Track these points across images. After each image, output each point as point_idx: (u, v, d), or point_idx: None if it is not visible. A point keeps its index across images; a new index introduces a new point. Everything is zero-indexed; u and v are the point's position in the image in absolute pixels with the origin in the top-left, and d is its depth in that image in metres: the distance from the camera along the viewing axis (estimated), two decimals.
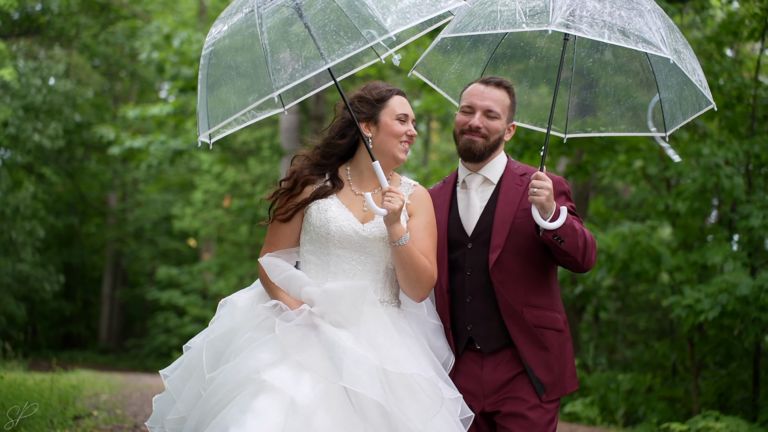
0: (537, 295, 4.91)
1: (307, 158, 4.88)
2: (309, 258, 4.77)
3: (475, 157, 4.97)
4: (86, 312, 34.38)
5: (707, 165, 11.99)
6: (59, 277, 24.99)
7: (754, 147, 11.88)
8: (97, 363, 27.36)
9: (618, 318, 18.91)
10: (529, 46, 5.54)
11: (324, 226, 4.69)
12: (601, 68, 5.49)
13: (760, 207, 11.61)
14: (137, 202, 32.66)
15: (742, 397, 12.44)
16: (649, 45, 4.53)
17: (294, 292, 4.65)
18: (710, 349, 13.00)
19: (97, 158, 30.54)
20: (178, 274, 28.90)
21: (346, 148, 4.86)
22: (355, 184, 4.84)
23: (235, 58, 4.65)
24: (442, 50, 5.47)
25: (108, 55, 27.61)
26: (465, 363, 4.94)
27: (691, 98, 5.21)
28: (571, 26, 4.47)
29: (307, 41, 4.55)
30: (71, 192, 30.99)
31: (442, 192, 5.17)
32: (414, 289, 4.66)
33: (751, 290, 10.80)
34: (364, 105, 4.81)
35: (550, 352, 4.86)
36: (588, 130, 5.58)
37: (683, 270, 12.47)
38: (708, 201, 13.14)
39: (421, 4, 4.49)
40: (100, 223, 33.21)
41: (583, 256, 4.76)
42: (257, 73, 4.50)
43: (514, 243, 4.86)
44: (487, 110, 4.94)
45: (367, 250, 4.69)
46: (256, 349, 4.37)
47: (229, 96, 4.63)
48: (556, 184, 4.88)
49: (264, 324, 4.52)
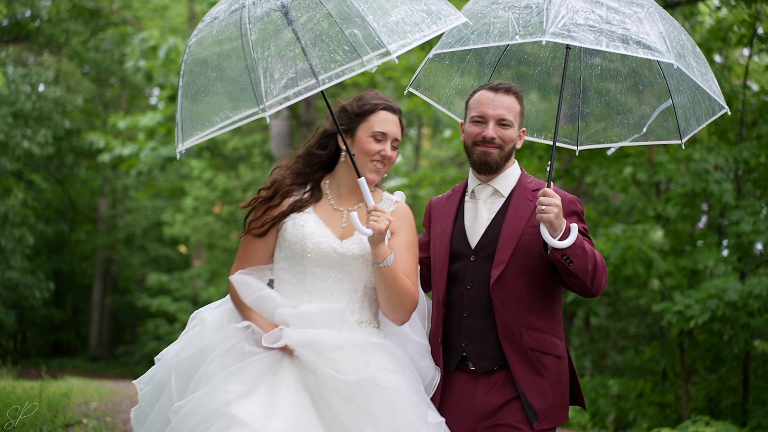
0: (538, 318, 4.65)
1: (288, 168, 4.64)
2: (284, 276, 4.51)
3: (491, 169, 4.74)
4: (76, 319, 34.27)
5: (696, 170, 12.03)
6: (49, 284, 24.94)
7: (743, 153, 11.92)
8: (87, 370, 27.27)
9: (609, 323, 18.93)
10: (531, 57, 5.36)
11: (300, 243, 4.43)
12: (611, 76, 5.28)
13: (749, 212, 11.65)
14: (127, 208, 32.58)
15: (732, 402, 12.47)
16: (650, 51, 4.38)
17: (267, 313, 4.37)
18: (700, 355, 13.03)
19: (87, 165, 30.50)
20: (169, 280, 28.83)
21: (326, 159, 4.63)
22: (334, 197, 4.59)
23: (219, 68, 4.37)
24: (439, 65, 5.27)
25: (98, 61, 27.57)
26: (456, 384, 4.70)
27: (704, 103, 5.03)
28: (566, 36, 4.33)
29: (299, 56, 4.25)
30: (61, 199, 30.92)
31: (450, 201, 4.95)
32: (396, 313, 4.40)
33: (740, 296, 10.83)
34: (344, 117, 4.56)
35: (546, 378, 4.60)
36: (601, 141, 5.35)
37: (673, 275, 12.50)
38: (697, 206, 13.19)
39: (422, 22, 4.22)
40: (90, 230, 33.12)
41: (593, 280, 4.52)
42: (243, 86, 4.25)
43: (519, 260, 4.62)
44: (500, 119, 4.70)
45: (346, 268, 4.44)
46: (226, 379, 4.11)
47: (210, 108, 4.34)
48: (569, 203, 4.66)
49: (235, 349, 4.25)
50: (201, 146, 22.76)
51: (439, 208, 5.00)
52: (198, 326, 4.47)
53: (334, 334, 4.23)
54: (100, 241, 32.00)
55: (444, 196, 5.07)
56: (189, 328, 4.54)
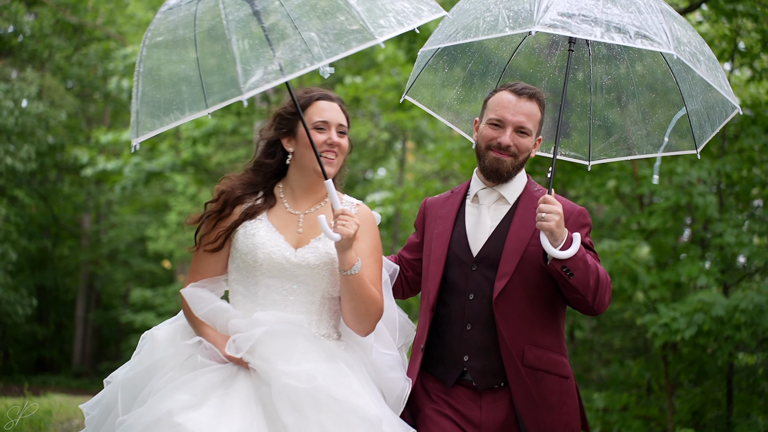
0: (543, 334, 4.39)
1: (237, 179, 4.41)
2: (236, 288, 4.27)
3: (502, 177, 4.47)
4: (59, 335, 34.05)
5: (680, 183, 12.09)
6: (32, 300, 24.78)
7: (726, 166, 11.98)
8: (70, 387, 27.08)
9: (593, 337, 18.95)
10: (534, 71, 5.08)
11: (251, 253, 4.18)
12: (621, 85, 4.99)
13: (732, 225, 11.70)
14: (111, 223, 32.46)
15: (716, 415, 12.48)
16: (650, 41, 4.08)
17: (220, 326, 4.15)
18: (684, 368, 13.04)
19: (70, 180, 30.38)
20: (153, 296, 28.70)
21: (276, 167, 4.40)
22: (289, 201, 4.35)
23: (181, 53, 4.01)
24: (437, 73, 5.00)
25: (81, 76, 27.53)
26: (460, 401, 4.41)
27: (717, 105, 4.76)
28: (558, 26, 4.04)
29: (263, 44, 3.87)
30: (44, 214, 30.77)
31: (449, 202, 4.66)
32: (361, 323, 4.15)
33: (726, 310, 10.86)
34: (282, 122, 4.33)
35: (543, 402, 4.34)
36: (613, 154, 5.05)
37: (657, 288, 12.54)
38: (680, 219, 13.24)
39: (403, 11, 3.91)
40: (73, 246, 32.96)
41: (594, 296, 4.23)
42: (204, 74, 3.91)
43: (523, 273, 4.34)
44: (520, 127, 4.42)
45: (300, 278, 4.18)
46: (174, 390, 3.87)
47: (171, 96, 3.97)
48: (578, 215, 4.43)
49: (187, 364, 4.04)
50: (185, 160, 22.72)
51: (436, 208, 4.71)
52: (149, 343, 4.23)
53: (290, 330, 4.05)
54: (83, 256, 31.86)
55: (442, 196, 4.78)
56: (140, 348, 4.29)
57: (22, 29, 21.68)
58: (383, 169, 28.89)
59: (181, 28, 4.04)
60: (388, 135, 25.61)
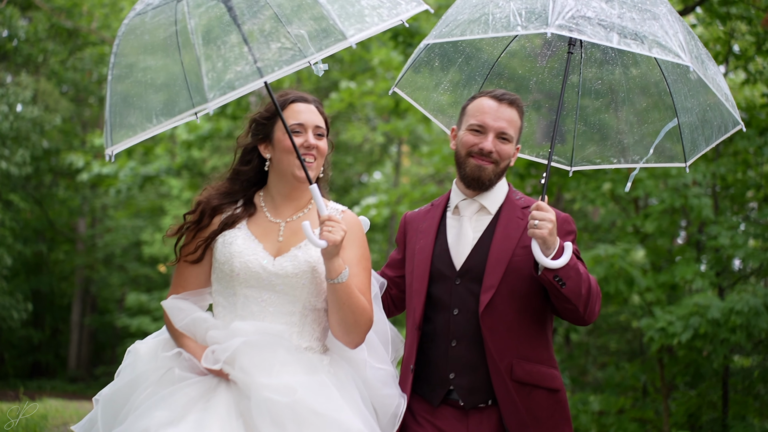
0: (532, 347, 4.25)
1: (215, 189, 4.28)
2: (217, 299, 4.14)
3: (484, 185, 4.34)
4: (55, 340, 33.99)
5: (675, 186, 12.10)
6: (27, 304, 24.76)
7: (721, 169, 11.99)
8: (66, 392, 27.02)
9: (589, 340, 18.94)
10: (524, 72, 4.93)
11: (228, 262, 4.04)
12: (611, 91, 4.83)
13: (727, 227, 11.71)
14: (106, 228, 32.42)
15: (712, 418, 12.50)
16: (665, 51, 3.93)
17: (200, 336, 4.01)
18: (680, 370, 13.05)
19: (65, 184, 30.35)
20: (149, 300, 28.64)
21: (254, 175, 4.25)
22: (270, 209, 4.20)
23: (153, 59, 3.89)
24: (428, 68, 4.82)
25: (76, 81, 27.47)
26: (446, 422, 4.25)
27: (715, 120, 4.57)
28: (573, 29, 3.86)
29: (240, 45, 3.76)
30: (39, 219, 30.73)
31: (429, 216, 4.51)
32: (350, 335, 3.97)
33: (723, 312, 10.87)
34: (258, 127, 4.20)
35: (532, 417, 4.19)
36: (597, 161, 4.88)
37: (653, 291, 12.55)
38: (676, 222, 13.25)
39: (381, 6, 3.80)
40: (68, 250, 32.91)
41: (586, 306, 4.10)
42: (180, 80, 3.78)
43: (509, 285, 4.20)
44: (501, 133, 4.30)
45: (279, 288, 4.01)
46: (153, 407, 3.73)
47: (146, 104, 3.84)
48: (563, 222, 4.26)
49: (166, 377, 3.90)
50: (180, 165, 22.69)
51: (416, 223, 4.56)
52: (131, 358, 4.12)
53: (271, 341, 3.90)
54: (79, 261, 31.81)
55: (422, 210, 4.63)
56: (124, 362, 4.16)
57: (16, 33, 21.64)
58: (379, 173, 28.90)
59: (149, 34, 3.92)
60: (384, 139, 25.61)
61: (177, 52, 3.81)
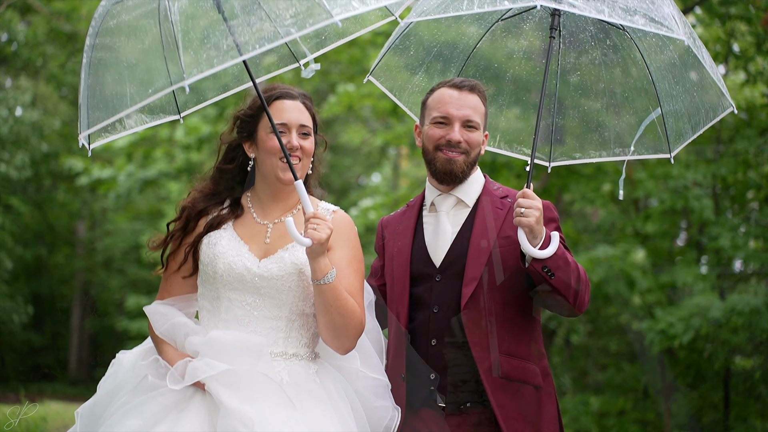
0: (517, 342, 4.07)
1: (198, 191, 4.11)
2: (202, 303, 3.98)
3: (457, 178, 4.18)
4: (55, 343, 33.94)
5: (675, 187, 12.09)
6: (28, 308, 24.72)
7: (721, 170, 11.98)
8: (66, 394, 27.00)
9: (589, 341, 18.92)
10: (501, 63, 4.71)
11: (211, 264, 3.88)
12: (591, 81, 4.63)
13: (728, 228, 11.70)
14: (106, 231, 32.38)
15: (713, 419, 12.48)
16: (659, 25, 3.77)
17: (179, 342, 3.87)
18: (681, 372, 13.04)
19: (65, 188, 30.31)
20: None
21: (237, 172, 4.10)
22: (257, 211, 4.02)
23: (131, 42, 3.74)
24: (401, 56, 4.61)
25: (75, 84, 27.43)
26: (422, 423, 4.07)
27: (705, 104, 4.41)
28: (563, 1, 3.70)
29: (219, 24, 3.60)
30: (39, 222, 30.69)
31: (405, 217, 4.34)
32: (339, 339, 3.77)
33: (723, 313, 10.86)
34: (242, 124, 4.02)
35: (519, 415, 4.02)
36: (576, 156, 4.71)
37: (653, 292, 12.53)
38: (676, 223, 13.24)
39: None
40: (68, 253, 32.88)
41: (576, 296, 3.94)
42: (155, 62, 3.65)
43: (492, 276, 4.04)
44: (467, 121, 4.13)
45: (264, 291, 3.83)
46: (125, 415, 3.61)
47: (118, 87, 3.66)
48: (545, 209, 4.01)
49: (143, 385, 3.77)
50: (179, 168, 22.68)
51: (393, 226, 4.40)
52: (114, 367, 4.05)
53: (248, 371, 3.69)
54: (78, 264, 31.78)
55: (397, 213, 4.46)
56: (107, 374, 4.08)
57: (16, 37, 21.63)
58: (377, 175, 28.87)
59: (126, 13, 3.75)
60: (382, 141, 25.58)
61: (157, 28, 3.67)
